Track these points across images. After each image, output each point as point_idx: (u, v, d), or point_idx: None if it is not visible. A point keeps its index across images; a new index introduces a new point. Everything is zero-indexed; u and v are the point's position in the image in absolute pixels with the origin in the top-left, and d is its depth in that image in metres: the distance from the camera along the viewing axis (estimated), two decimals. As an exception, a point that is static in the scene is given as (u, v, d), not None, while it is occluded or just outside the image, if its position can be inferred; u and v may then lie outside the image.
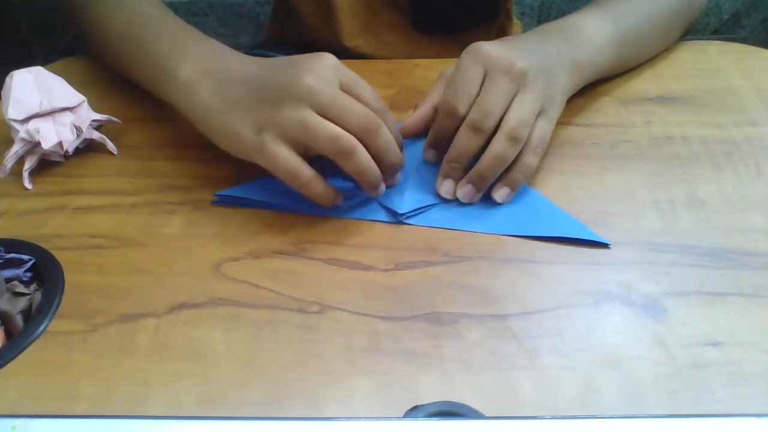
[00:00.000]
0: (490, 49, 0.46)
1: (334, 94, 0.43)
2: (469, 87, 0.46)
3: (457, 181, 0.47)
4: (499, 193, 0.47)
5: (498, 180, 0.47)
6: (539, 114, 0.47)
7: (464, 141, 0.45)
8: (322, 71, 0.43)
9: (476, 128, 0.45)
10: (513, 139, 0.44)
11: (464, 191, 0.47)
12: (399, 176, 0.49)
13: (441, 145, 0.49)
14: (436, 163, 0.50)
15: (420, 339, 0.39)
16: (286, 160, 0.43)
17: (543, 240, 0.45)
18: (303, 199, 0.46)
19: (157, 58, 0.51)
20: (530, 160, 0.46)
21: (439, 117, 0.48)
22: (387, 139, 0.44)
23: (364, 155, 0.43)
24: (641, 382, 0.37)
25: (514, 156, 0.46)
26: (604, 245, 0.45)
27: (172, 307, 0.42)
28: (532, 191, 0.49)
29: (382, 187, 0.47)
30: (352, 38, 0.70)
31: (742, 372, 0.37)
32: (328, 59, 0.44)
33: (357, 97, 0.44)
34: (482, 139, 0.45)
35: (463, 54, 0.47)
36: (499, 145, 0.45)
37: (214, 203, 0.48)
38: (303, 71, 0.43)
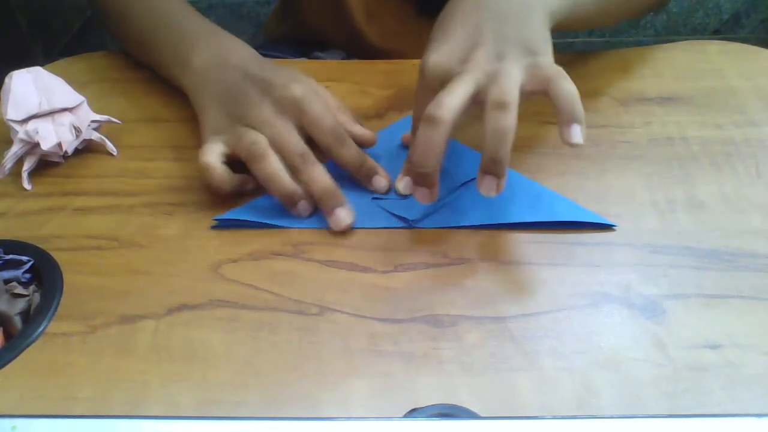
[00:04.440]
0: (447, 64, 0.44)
1: (280, 130, 0.47)
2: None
3: (416, 181, 0.44)
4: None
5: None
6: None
7: (424, 134, 0.41)
8: (285, 106, 0.48)
9: (434, 121, 0.41)
10: (501, 106, 0.40)
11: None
12: (341, 213, 0.46)
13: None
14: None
15: (419, 341, 0.39)
16: (206, 150, 0.48)
17: (543, 240, 0.45)
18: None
19: (173, 45, 0.55)
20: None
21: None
22: (311, 176, 0.47)
23: (272, 165, 0.46)
24: (640, 384, 0.37)
25: (513, 126, 0.40)
26: (609, 227, 0.46)
27: (170, 308, 0.42)
28: (533, 183, 0.49)
29: (304, 205, 0.47)
30: (358, 25, 0.71)
31: (740, 374, 0.37)
32: (299, 98, 0.48)
33: (311, 133, 0.48)
34: (445, 133, 0.41)
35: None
36: (491, 120, 0.40)
37: (214, 228, 0.47)
38: (268, 100, 0.48)
